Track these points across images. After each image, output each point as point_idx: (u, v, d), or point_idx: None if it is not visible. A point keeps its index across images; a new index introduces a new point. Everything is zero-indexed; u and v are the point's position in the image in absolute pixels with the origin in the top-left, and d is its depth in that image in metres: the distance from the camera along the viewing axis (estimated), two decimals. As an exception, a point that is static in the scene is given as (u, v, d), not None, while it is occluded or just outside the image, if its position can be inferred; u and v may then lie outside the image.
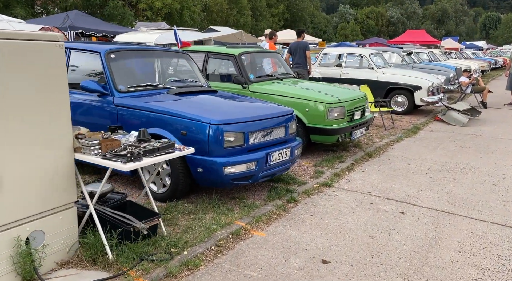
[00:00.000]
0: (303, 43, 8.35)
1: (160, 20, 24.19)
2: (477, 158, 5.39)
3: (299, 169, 4.66)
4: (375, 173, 4.66)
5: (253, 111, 3.55)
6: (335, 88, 5.59)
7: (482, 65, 18.48)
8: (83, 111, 3.64)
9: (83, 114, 3.64)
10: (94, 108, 3.56)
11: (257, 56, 5.87)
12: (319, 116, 4.85)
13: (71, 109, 2.37)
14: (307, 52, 8.17)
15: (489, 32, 68.56)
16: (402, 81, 8.58)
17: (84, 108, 3.63)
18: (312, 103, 4.88)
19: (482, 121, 8.22)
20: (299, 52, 8.40)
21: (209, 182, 3.20)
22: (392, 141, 6.29)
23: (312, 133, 4.93)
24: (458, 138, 6.61)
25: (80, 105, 3.66)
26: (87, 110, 3.60)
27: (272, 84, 5.36)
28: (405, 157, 5.41)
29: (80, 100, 3.67)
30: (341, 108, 4.96)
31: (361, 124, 5.32)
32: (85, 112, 3.63)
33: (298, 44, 8.43)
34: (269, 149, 3.47)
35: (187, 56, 4.55)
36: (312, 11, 51.78)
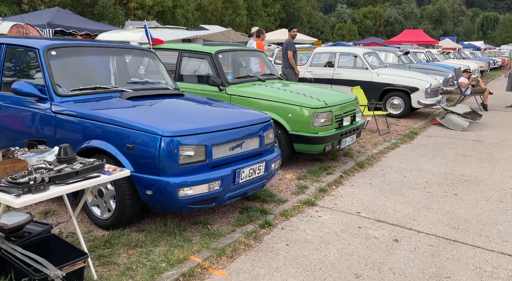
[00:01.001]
0: (286, 42, 7.82)
1: (151, 19, 23.59)
2: (480, 169, 4.85)
3: (280, 183, 4.11)
4: (366, 187, 4.11)
5: (220, 119, 2.99)
6: (323, 91, 5.04)
7: (481, 65, 18.00)
8: (18, 119, 3.07)
9: (17, 123, 3.07)
10: (29, 116, 3.00)
11: (237, 54, 5.32)
12: (303, 122, 4.30)
13: (4, 117, 1.80)
14: (288, 51, 7.63)
15: (487, 32, 68.25)
16: (398, 82, 8.04)
17: (19, 116, 3.06)
18: (296, 107, 4.33)
19: (483, 125, 7.69)
20: (283, 52, 7.87)
21: (161, 206, 2.65)
22: (386, 148, 5.74)
23: (295, 142, 4.38)
24: (459, 145, 6.08)
25: (14, 112, 3.09)
26: (22, 119, 3.04)
27: (252, 86, 4.81)
28: (401, 167, 4.87)
29: (16, 105, 3.10)
30: (328, 113, 4.41)
31: (351, 131, 4.77)
32: (20, 121, 3.06)
33: (284, 43, 7.93)
34: (238, 165, 2.92)
35: (152, 54, 3.99)
36: (309, 11, 51.26)
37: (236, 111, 3.42)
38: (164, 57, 5.15)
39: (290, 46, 7.82)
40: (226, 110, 3.37)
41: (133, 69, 4.18)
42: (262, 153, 3.30)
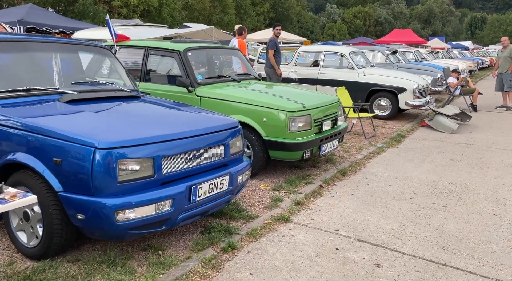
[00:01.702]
0: (268, 40, 7.43)
1: (136, 17, 23.01)
2: (471, 176, 4.51)
3: (252, 195, 3.70)
4: (348, 199, 3.73)
5: (176, 126, 2.57)
6: (302, 93, 4.65)
7: (469, 65, 17.86)
8: None
9: None
10: None
11: (210, 52, 4.90)
12: (279, 127, 3.90)
13: None
14: (269, 50, 7.25)
15: (475, 32, 68.89)
16: (385, 82, 7.71)
17: None
18: (271, 111, 3.93)
19: (473, 126, 7.40)
20: (267, 50, 7.50)
21: (97, 233, 2.22)
22: (372, 153, 5.38)
23: (271, 148, 3.98)
24: (448, 149, 5.75)
25: None
26: None
27: (225, 87, 4.39)
28: (386, 174, 4.50)
29: None
30: (307, 116, 4.02)
31: (332, 136, 4.39)
32: None
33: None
34: (196, 179, 2.50)
35: (107, 51, 3.55)
36: (299, 11, 50.99)
37: (198, 116, 3.00)
38: (130, 55, 4.71)
39: (272, 44, 7.43)
40: (186, 115, 2.96)
41: (88, 68, 3.74)
42: (227, 164, 2.89)
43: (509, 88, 9.51)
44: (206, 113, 3.14)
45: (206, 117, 3.00)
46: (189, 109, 3.15)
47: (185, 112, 3.03)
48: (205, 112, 3.16)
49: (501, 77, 9.57)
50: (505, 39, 9.74)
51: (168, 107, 3.11)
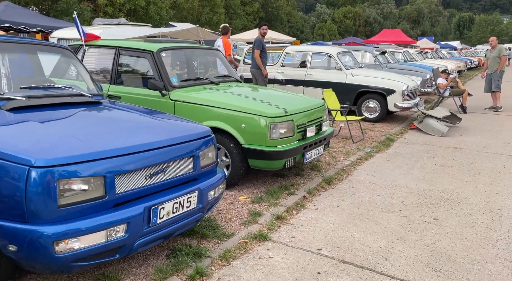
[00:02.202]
0: (254, 39, 7.16)
1: (122, 16, 22.51)
2: (463, 183, 4.28)
3: (229, 209, 3.40)
4: (333, 211, 3.46)
5: (134, 137, 2.26)
6: (284, 96, 4.37)
7: (458, 65, 17.83)
8: None
9: None
10: None
11: (187, 53, 4.58)
12: (259, 134, 3.61)
13: None
14: (255, 50, 6.98)
15: (463, 32, 69.63)
16: (374, 84, 7.48)
17: None
18: (250, 116, 3.63)
19: (463, 129, 7.21)
20: (252, 51, 7.23)
21: (36, 266, 1.90)
22: (359, 159, 5.13)
23: (250, 157, 3.69)
24: (438, 153, 5.53)
25: None
26: None
27: (202, 90, 4.09)
28: (374, 183, 4.25)
29: None
30: (289, 122, 3.74)
31: (317, 142, 4.12)
32: None
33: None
34: (157, 199, 2.20)
35: (68, 51, 3.21)
36: (289, 10, 50.80)
37: (165, 124, 2.69)
38: (100, 56, 4.38)
39: (258, 44, 7.15)
40: (151, 124, 2.64)
41: (50, 70, 3.40)
42: (197, 178, 2.59)
43: (497, 88, 9.41)
44: (176, 121, 2.83)
45: (174, 126, 2.69)
46: (157, 117, 2.84)
47: (150, 120, 2.72)
48: (174, 120, 2.86)
49: (490, 78, 9.45)
50: (493, 40, 9.62)
51: (132, 114, 2.79)
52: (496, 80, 9.35)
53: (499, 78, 9.33)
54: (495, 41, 9.55)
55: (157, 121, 2.72)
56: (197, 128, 2.72)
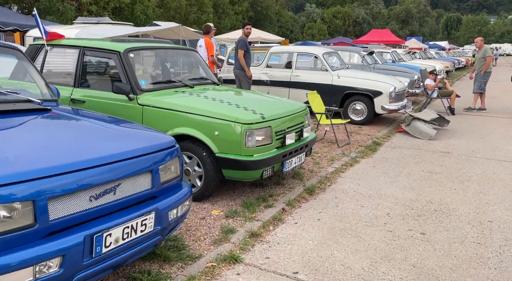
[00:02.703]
0: (237, 39, 6.90)
1: (107, 15, 21.99)
2: (451, 192, 4.07)
3: (200, 224, 3.11)
4: (313, 226, 3.19)
5: (78, 152, 1.96)
6: (263, 100, 4.10)
7: (446, 65, 17.81)
8: None
9: None
10: None
11: (159, 53, 4.28)
12: (233, 142, 3.33)
13: None
14: (239, 50, 6.71)
15: (451, 32, 70.38)
16: (360, 85, 7.26)
17: None
18: (224, 123, 3.35)
19: (451, 132, 7.04)
20: (236, 51, 6.96)
21: None
22: (344, 165, 4.88)
23: (224, 167, 3.40)
24: (426, 158, 5.32)
25: None
26: None
27: (173, 94, 3.79)
28: (358, 192, 4.00)
29: None
30: (267, 129, 3.46)
31: (298, 150, 3.85)
32: None
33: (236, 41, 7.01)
34: (102, 224, 1.90)
35: (17, 52, 2.89)
36: (278, 10, 50.61)
37: (120, 135, 2.39)
38: (63, 57, 4.04)
39: (242, 44, 6.87)
40: (103, 134, 2.34)
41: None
42: (156, 195, 2.30)
43: (478, 90, 9.31)
44: (135, 130, 2.53)
45: (131, 136, 2.39)
46: (113, 126, 2.54)
47: (104, 130, 2.41)
48: (133, 129, 2.56)
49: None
50: (478, 40, 9.52)
51: (83, 123, 2.49)
52: (479, 81, 9.26)
53: (482, 79, 9.22)
54: (479, 41, 9.44)
55: (112, 131, 2.42)
56: (158, 138, 2.42)
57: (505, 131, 7.19)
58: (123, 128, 2.52)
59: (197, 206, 3.44)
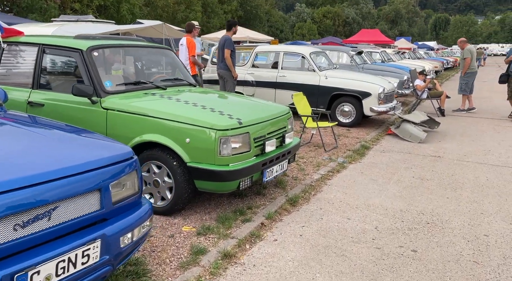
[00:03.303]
0: (222, 39, 6.57)
1: (91, 13, 21.42)
2: (443, 201, 3.80)
3: (168, 244, 2.78)
4: (294, 243, 2.89)
5: (4, 170, 1.62)
6: (242, 103, 3.78)
7: (435, 65, 17.73)
8: None
9: None
10: None
11: (128, 52, 3.93)
12: (206, 150, 3.00)
13: None
14: (225, 50, 6.39)
15: (439, 33, 71.02)
16: (348, 86, 6.99)
17: None
18: (196, 129, 3.02)
19: (442, 134, 6.82)
20: (220, 50, 6.63)
21: None
22: (330, 171, 4.60)
23: (197, 178, 3.08)
24: (416, 163, 5.07)
25: None
26: None
27: (143, 97, 3.45)
28: (345, 202, 3.71)
29: None
30: (244, 135, 3.14)
31: (280, 157, 3.54)
32: None
33: (220, 40, 6.66)
34: (29, 259, 1.56)
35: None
36: (268, 10, 50.34)
37: (65, 146, 2.04)
38: (21, 55, 3.67)
39: (228, 43, 6.55)
40: (43, 146, 1.99)
41: None
42: (106, 217, 1.96)
43: (461, 92, 9.18)
44: (85, 140, 2.20)
45: (78, 148, 2.05)
46: (60, 135, 2.19)
47: (46, 141, 2.07)
48: (84, 138, 2.22)
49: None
50: (460, 41, 9.40)
51: (22, 132, 2.14)
52: (460, 83, 9.17)
53: (463, 81, 9.10)
54: (461, 43, 9.30)
55: (55, 143, 2.07)
56: (111, 150, 2.09)
57: (496, 133, 7.01)
58: (70, 138, 2.18)
59: (166, 221, 3.11)
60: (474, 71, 9.04)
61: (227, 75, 6.68)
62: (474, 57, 9.01)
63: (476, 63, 9.11)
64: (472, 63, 8.97)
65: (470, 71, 9.01)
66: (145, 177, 3.22)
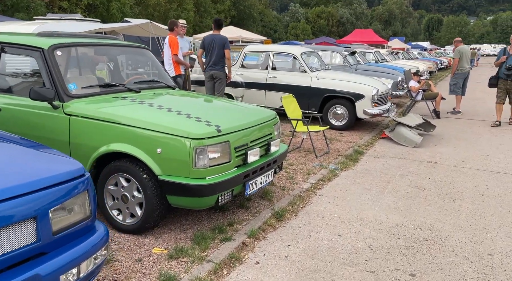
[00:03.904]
0: (220, 38, 6.22)
1: (80, 12, 20.95)
2: (442, 213, 3.51)
3: (133, 271, 2.44)
4: (278, 266, 2.57)
5: None
6: (223, 107, 3.45)
7: (429, 65, 17.55)
8: None
9: None
10: None
11: (99, 51, 3.58)
12: (179, 161, 2.67)
13: None
14: (226, 50, 6.08)
15: (432, 33, 71.28)
16: (341, 88, 6.70)
17: None
18: (168, 137, 2.69)
19: (438, 138, 6.55)
20: (214, 50, 6.26)
21: None
22: (321, 180, 4.29)
23: (169, 193, 2.74)
24: (412, 170, 4.78)
25: None
26: None
27: (112, 101, 3.11)
28: (336, 215, 3.40)
29: None
30: (223, 144, 2.82)
31: (264, 167, 3.22)
32: None
33: (214, 39, 6.27)
34: None
35: None
36: (261, 9, 50.02)
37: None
38: None
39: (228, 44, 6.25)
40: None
41: None
42: (46, 251, 1.63)
43: (450, 93, 9.01)
44: (26, 155, 1.85)
45: (13, 166, 1.71)
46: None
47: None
48: (24, 153, 1.87)
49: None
50: (454, 41, 9.30)
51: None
52: (450, 83, 9.03)
53: (452, 81, 8.93)
54: (455, 42, 9.21)
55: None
56: (54, 167, 1.76)
57: (493, 136, 6.76)
58: (7, 154, 1.83)
59: (135, 241, 2.77)
60: (462, 72, 8.83)
61: (223, 76, 6.37)
62: (465, 58, 8.81)
63: (467, 64, 8.88)
64: (461, 64, 8.78)
65: (459, 72, 8.83)
66: (112, 191, 2.88)
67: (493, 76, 7.72)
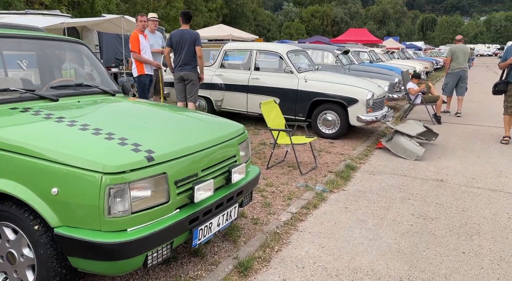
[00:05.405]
0: (190, 34, 5.36)
1: (62, 9, 19.94)
2: (458, 260, 2.68)
3: None
4: None
5: None
6: (169, 120, 2.56)
7: (426, 65, 16.83)
8: None
9: None
10: None
11: (9, 46, 2.70)
12: (85, 207, 1.81)
13: None
14: (197, 48, 5.23)
15: (426, 33, 70.94)
16: (332, 91, 5.87)
17: None
18: (69, 171, 1.82)
19: (441, 147, 5.75)
20: (184, 47, 5.40)
21: None
22: (305, 207, 3.44)
23: (71, 253, 1.87)
24: (414, 191, 3.96)
25: None
26: None
27: (4, 115, 2.23)
28: (320, 264, 2.56)
29: None
30: (158, 178, 1.96)
31: (222, 204, 2.36)
32: None
33: (183, 34, 5.39)
34: None
35: None
36: (254, 8, 49.14)
37: None
38: None
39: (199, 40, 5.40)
40: None
41: None
42: None
43: (443, 93, 8.46)
44: None
45: None
46: None
47: None
48: None
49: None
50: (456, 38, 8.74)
51: None
52: (443, 83, 8.52)
53: (445, 81, 8.40)
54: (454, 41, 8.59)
55: None
56: None
57: (503, 146, 5.97)
58: None
59: (23, 323, 1.90)
60: (454, 72, 8.17)
61: (195, 77, 5.51)
62: (456, 57, 8.13)
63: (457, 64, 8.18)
64: (453, 64, 8.12)
65: (450, 72, 8.20)
66: (-4, 245, 2.01)
67: (500, 82, 6.08)
